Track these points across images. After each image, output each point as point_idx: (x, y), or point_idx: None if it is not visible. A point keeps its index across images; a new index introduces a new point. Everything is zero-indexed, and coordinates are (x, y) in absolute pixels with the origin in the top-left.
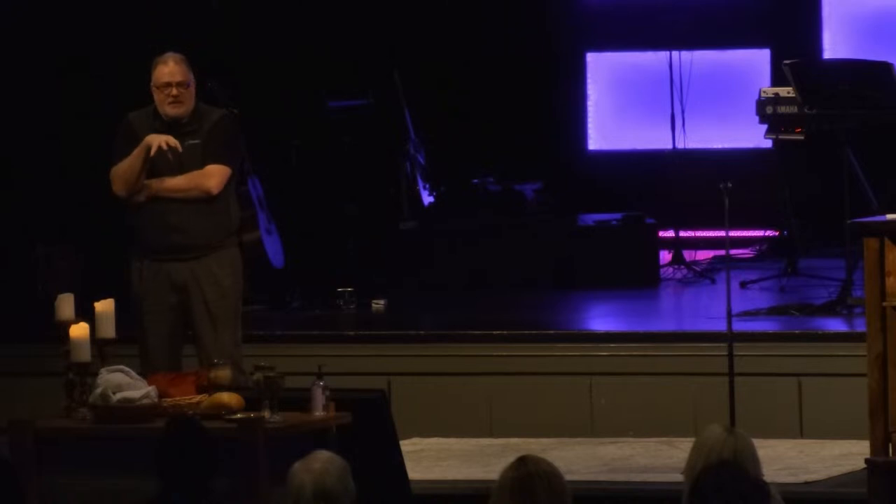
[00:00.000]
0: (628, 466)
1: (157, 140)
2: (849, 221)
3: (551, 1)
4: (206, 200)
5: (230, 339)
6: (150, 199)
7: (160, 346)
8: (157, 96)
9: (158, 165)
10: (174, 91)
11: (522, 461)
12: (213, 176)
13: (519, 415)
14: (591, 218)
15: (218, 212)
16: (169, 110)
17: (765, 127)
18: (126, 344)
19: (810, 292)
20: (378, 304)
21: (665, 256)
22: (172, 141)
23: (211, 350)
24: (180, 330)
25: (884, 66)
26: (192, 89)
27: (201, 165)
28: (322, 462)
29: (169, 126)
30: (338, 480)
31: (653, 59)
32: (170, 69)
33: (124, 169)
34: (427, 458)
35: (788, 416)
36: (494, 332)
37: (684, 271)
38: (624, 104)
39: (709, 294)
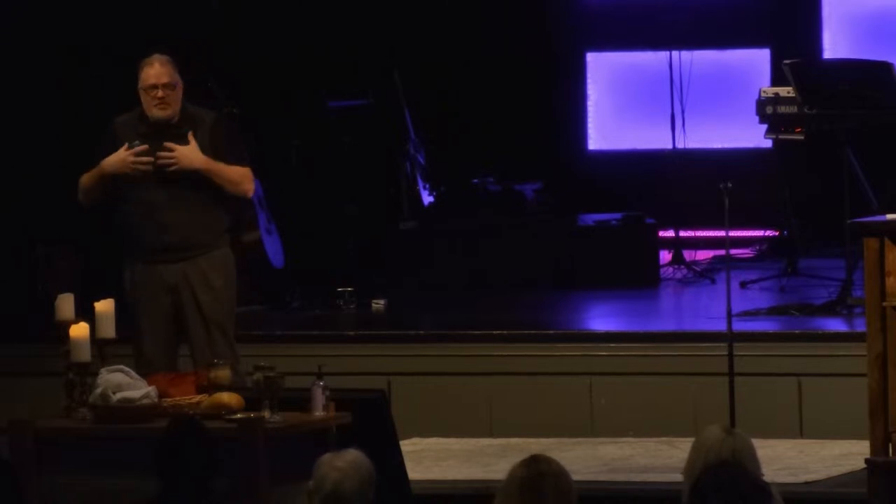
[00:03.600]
0: (628, 466)
1: (114, 166)
2: (849, 221)
3: (551, 1)
4: (199, 201)
5: (222, 340)
6: (139, 181)
7: (156, 348)
8: (144, 98)
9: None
10: (160, 93)
11: (535, 460)
12: (251, 180)
13: (519, 415)
14: (591, 218)
15: (209, 212)
16: (156, 112)
17: (765, 127)
18: (126, 344)
19: (810, 292)
20: (378, 304)
21: (665, 256)
22: (131, 159)
23: (204, 352)
24: (174, 331)
25: (884, 66)
26: (179, 91)
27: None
28: (347, 463)
29: (155, 128)
30: (357, 485)
31: (653, 59)
32: (156, 71)
33: (83, 182)
34: (427, 458)
35: (788, 416)
36: (494, 332)
37: (684, 271)
38: (624, 104)
39: (709, 294)
